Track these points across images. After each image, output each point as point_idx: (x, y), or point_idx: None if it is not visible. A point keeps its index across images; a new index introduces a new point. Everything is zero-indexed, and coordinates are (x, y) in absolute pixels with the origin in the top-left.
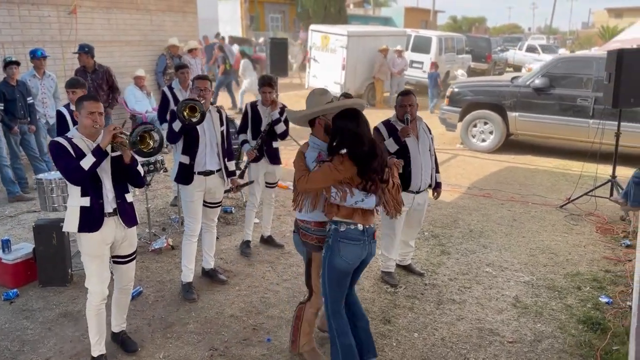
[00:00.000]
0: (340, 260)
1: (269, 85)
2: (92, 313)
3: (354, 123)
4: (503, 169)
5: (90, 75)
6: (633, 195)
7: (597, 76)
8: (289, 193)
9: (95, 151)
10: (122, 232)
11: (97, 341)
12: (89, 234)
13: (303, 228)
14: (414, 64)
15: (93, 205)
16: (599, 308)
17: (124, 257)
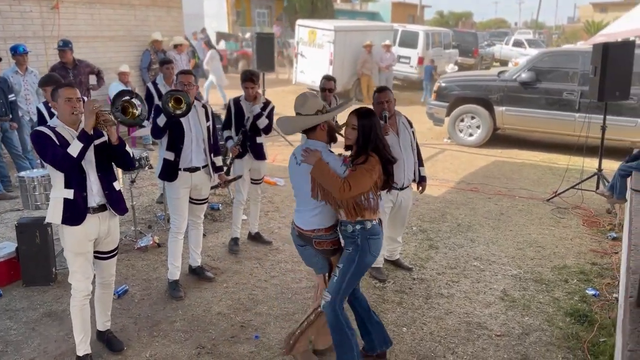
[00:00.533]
0: (371, 257)
1: (251, 80)
2: (76, 309)
3: (375, 120)
4: (490, 163)
5: (72, 71)
6: (619, 188)
7: (582, 70)
8: (277, 189)
9: (81, 136)
10: (105, 228)
11: (82, 339)
12: (72, 227)
13: (316, 237)
14: (402, 59)
15: (77, 199)
16: (586, 300)
17: (106, 253)
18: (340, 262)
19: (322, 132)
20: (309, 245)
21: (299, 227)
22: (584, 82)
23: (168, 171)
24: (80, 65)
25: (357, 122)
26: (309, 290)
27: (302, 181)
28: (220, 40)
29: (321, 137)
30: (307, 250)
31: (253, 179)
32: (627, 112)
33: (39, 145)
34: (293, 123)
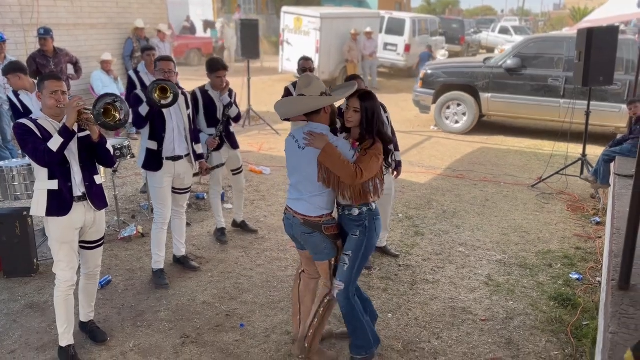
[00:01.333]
0: (377, 237)
1: (225, 68)
2: (60, 299)
3: (377, 105)
4: (476, 150)
5: (53, 60)
6: (603, 173)
7: (567, 56)
8: (262, 178)
9: (62, 131)
10: (91, 217)
11: (65, 329)
12: (58, 218)
13: (325, 223)
14: (388, 46)
15: (61, 189)
16: (570, 284)
17: (92, 243)
18: (348, 249)
19: (325, 115)
20: (318, 232)
21: (303, 215)
22: (569, 68)
23: (152, 161)
24: (60, 53)
25: (359, 104)
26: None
27: (306, 166)
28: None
29: (325, 121)
30: (314, 238)
31: (233, 169)
32: (611, 98)
33: (21, 138)
34: (297, 105)
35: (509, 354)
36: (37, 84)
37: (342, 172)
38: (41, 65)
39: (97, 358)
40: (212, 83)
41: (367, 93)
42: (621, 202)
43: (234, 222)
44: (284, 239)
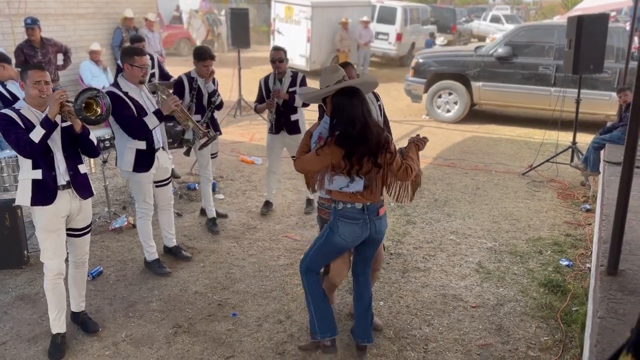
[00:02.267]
0: (339, 238)
1: (212, 58)
2: (49, 287)
3: (348, 102)
4: (467, 138)
5: (40, 50)
6: (592, 160)
7: (558, 44)
8: (254, 168)
9: (44, 122)
10: (77, 205)
11: (56, 316)
12: (43, 207)
13: (319, 204)
14: (380, 35)
15: (45, 178)
16: (560, 271)
17: (79, 230)
18: (319, 233)
19: (329, 106)
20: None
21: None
22: (560, 56)
23: (142, 161)
24: (47, 43)
25: (332, 100)
26: (287, 267)
27: None
28: None
29: (329, 112)
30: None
31: (210, 153)
32: (601, 86)
33: (4, 129)
34: (305, 94)
35: (499, 340)
36: (20, 74)
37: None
38: (29, 55)
39: (89, 349)
40: (198, 71)
41: (344, 90)
42: (610, 189)
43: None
44: (275, 229)
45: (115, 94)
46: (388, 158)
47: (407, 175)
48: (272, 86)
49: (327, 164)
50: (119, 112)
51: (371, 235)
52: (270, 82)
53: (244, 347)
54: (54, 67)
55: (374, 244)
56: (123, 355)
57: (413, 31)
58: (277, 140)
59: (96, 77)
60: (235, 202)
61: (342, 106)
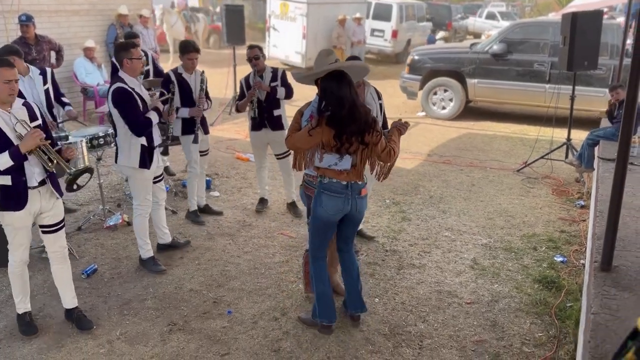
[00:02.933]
0: (322, 209)
1: (197, 51)
2: (15, 276)
3: (336, 85)
4: (462, 135)
5: (35, 47)
6: (587, 157)
7: (553, 41)
8: (249, 165)
9: (14, 155)
10: (47, 202)
11: (21, 299)
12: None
13: (306, 181)
14: (375, 32)
15: (16, 185)
16: (554, 267)
17: (53, 226)
18: None
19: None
20: (302, 187)
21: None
22: (554, 53)
23: (146, 157)
24: (42, 41)
25: (320, 82)
26: (282, 265)
27: None
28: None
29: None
30: (301, 190)
31: (201, 150)
32: (596, 83)
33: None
34: (299, 75)
35: (494, 336)
36: None
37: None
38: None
39: (83, 347)
40: (184, 65)
41: (331, 74)
42: (604, 185)
43: (198, 208)
44: (270, 226)
45: (125, 89)
46: (374, 137)
47: (389, 157)
48: (252, 82)
49: (318, 143)
50: (129, 109)
51: (352, 213)
52: (251, 79)
53: (239, 344)
54: (48, 64)
55: (354, 223)
56: (118, 353)
57: (409, 28)
58: (260, 137)
59: (90, 74)
60: (230, 199)
61: (330, 88)
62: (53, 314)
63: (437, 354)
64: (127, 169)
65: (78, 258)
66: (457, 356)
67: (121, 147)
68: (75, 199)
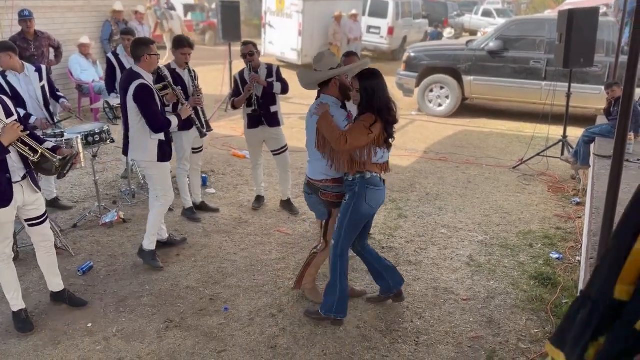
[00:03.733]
0: (367, 205)
1: (190, 46)
2: (3, 270)
3: (380, 82)
4: (458, 132)
5: (33, 43)
6: (583, 154)
7: (549, 38)
8: (246, 162)
9: None
10: (30, 196)
11: (13, 295)
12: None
13: (322, 188)
14: (371, 29)
15: (0, 181)
16: (550, 264)
17: (38, 219)
18: (340, 212)
19: (334, 87)
20: (315, 195)
21: (308, 177)
22: (551, 50)
23: (165, 151)
24: (41, 37)
25: (359, 85)
26: (279, 262)
27: (310, 132)
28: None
29: (333, 93)
30: (312, 198)
31: (194, 147)
32: (592, 80)
33: None
34: (309, 77)
35: (490, 332)
36: None
37: (330, 136)
38: (22, 48)
39: (79, 344)
40: (177, 60)
41: (367, 73)
42: (600, 182)
43: (194, 205)
44: (267, 223)
45: (148, 86)
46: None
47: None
48: (248, 78)
49: (374, 137)
50: (148, 106)
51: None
52: (246, 74)
53: (235, 341)
54: (47, 60)
55: (373, 215)
56: (114, 350)
57: (405, 25)
58: (256, 134)
59: (85, 70)
60: (226, 196)
61: (377, 85)
62: (49, 311)
63: (434, 350)
64: (145, 163)
65: (74, 255)
66: (453, 352)
67: (136, 142)
68: (71, 196)
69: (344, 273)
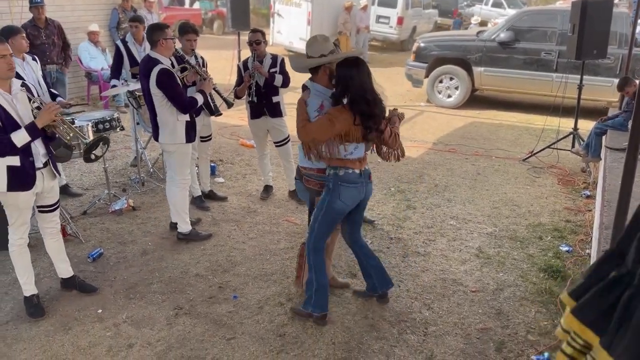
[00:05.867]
0: (340, 203)
1: (195, 33)
2: (16, 254)
3: (356, 71)
4: (468, 124)
5: (44, 31)
6: (594, 146)
7: (561, 29)
8: (253, 152)
9: (31, 130)
10: (49, 183)
11: (26, 280)
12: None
13: (306, 175)
14: (381, 19)
15: (24, 164)
16: (560, 256)
17: (51, 206)
18: (317, 206)
19: (324, 75)
20: (299, 180)
21: (298, 163)
22: (562, 41)
23: (190, 132)
24: (52, 25)
25: (335, 72)
26: (288, 251)
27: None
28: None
29: (322, 81)
30: (299, 185)
31: (203, 136)
32: (603, 72)
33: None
34: (299, 62)
35: (498, 324)
36: None
37: (297, 126)
38: (33, 35)
39: (90, 329)
40: (183, 47)
41: (344, 61)
42: (612, 175)
43: (203, 194)
44: (275, 213)
45: (168, 71)
46: (383, 124)
47: (395, 142)
48: (250, 66)
49: (338, 132)
50: (172, 88)
51: (364, 199)
52: (249, 63)
53: (245, 328)
54: (58, 48)
55: (363, 208)
56: (124, 336)
57: (414, 15)
58: (259, 125)
59: (95, 58)
60: (235, 185)
61: (350, 74)
62: (59, 297)
63: (442, 340)
64: (172, 146)
65: (84, 242)
66: (461, 343)
67: (164, 126)
68: (80, 183)
69: (319, 268)
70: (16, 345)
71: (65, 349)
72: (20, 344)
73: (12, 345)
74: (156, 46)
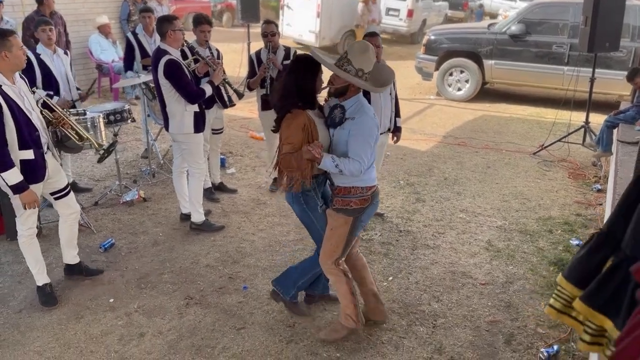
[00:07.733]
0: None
1: (209, 24)
2: (26, 245)
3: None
4: (478, 117)
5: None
6: (605, 140)
7: (573, 22)
8: (263, 144)
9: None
10: (53, 166)
11: (38, 270)
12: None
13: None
14: (390, 12)
15: (37, 157)
16: (570, 250)
17: (62, 191)
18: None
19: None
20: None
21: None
22: (574, 34)
23: (199, 122)
24: (55, 15)
25: None
26: (297, 242)
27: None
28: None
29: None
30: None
31: (215, 128)
32: (615, 66)
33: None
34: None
35: (508, 317)
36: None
37: None
38: None
39: (101, 318)
40: (197, 39)
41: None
42: (624, 168)
43: (213, 186)
44: (285, 205)
45: (175, 61)
46: None
47: None
48: (264, 58)
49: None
50: (180, 79)
51: None
52: (263, 55)
53: (255, 319)
54: (64, 39)
55: None
56: (136, 325)
57: (425, 7)
58: (269, 117)
59: (105, 50)
60: (244, 177)
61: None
62: (72, 286)
63: (451, 332)
64: (181, 136)
65: (95, 232)
66: (471, 335)
67: (173, 116)
68: (92, 175)
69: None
70: (29, 333)
71: (77, 337)
72: (34, 332)
73: (25, 333)
74: (165, 38)
